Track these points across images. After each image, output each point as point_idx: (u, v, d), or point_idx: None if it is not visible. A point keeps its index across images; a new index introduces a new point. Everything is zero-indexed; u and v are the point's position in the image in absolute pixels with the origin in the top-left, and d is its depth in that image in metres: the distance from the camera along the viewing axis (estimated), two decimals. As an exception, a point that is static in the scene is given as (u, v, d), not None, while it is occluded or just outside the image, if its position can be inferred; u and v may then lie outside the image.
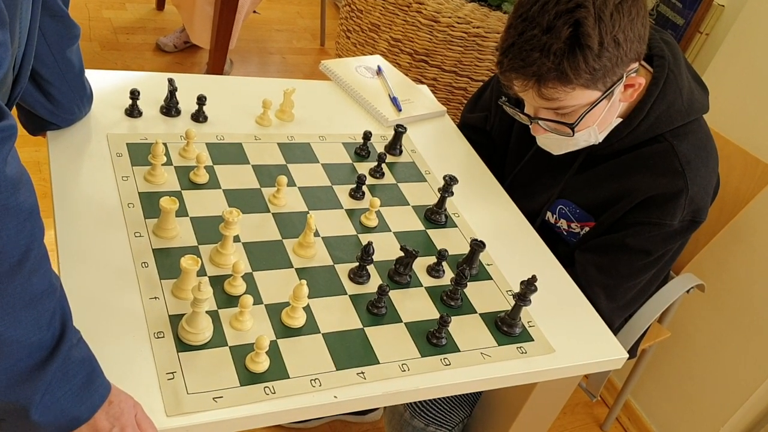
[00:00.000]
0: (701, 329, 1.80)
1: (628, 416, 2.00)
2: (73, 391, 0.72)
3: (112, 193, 1.06)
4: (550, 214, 1.35)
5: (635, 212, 1.22)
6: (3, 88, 0.83)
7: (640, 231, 1.21)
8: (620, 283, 1.26)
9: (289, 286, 0.96)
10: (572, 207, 1.31)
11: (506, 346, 1.02)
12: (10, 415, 0.70)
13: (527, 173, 1.39)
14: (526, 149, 1.38)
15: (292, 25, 3.43)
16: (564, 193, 1.32)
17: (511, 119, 1.38)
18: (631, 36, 1.06)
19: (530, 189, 1.38)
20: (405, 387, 0.92)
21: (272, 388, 0.86)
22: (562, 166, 1.32)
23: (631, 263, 1.24)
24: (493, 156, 1.48)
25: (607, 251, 1.25)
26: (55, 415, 0.71)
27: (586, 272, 1.26)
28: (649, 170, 1.20)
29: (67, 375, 0.71)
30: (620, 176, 1.24)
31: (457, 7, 1.89)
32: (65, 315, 0.72)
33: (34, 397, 0.69)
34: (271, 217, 1.11)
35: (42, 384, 0.69)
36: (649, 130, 1.20)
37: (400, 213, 1.21)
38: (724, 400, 1.75)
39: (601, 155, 1.26)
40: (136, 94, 1.20)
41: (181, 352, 0.87)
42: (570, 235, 1.33)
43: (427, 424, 1.31)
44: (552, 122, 1.15)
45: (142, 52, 2.86)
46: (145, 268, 0.96)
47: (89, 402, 0.73)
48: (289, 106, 1.33)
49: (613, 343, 1.09)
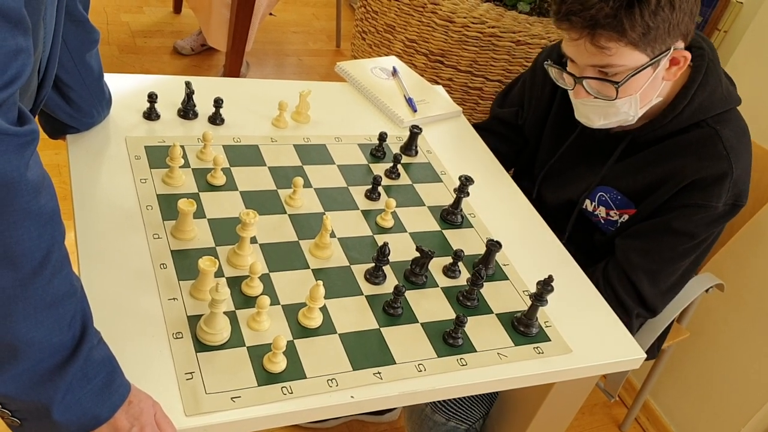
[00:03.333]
0: (721, 329, 1.78)
1: (647, 416, 1.99)
2: (94, 391, 0.73)
3: (130, 195, 1.07)
4: (589, 201, 1.36)
5: (680, 195, 1.24)
6: (27, 93, 0.84)
7: (685, 213, 1.23)
8: (663, 268, 1.27)
9: (305, 286, 0.96)
10: (613, 194, 1.32)
11: (523, 346, 1.02)
12: (32, 414, 0.71)
13: (565, 163, 1.41)
14: (562, 141, 1.40)
15: (307, 27, 3.44)
16: (605, 180, 1.33)
17: (544, 114, 1.42)
18: (685, 7, 1.11)
19: (567, 178, 1.39)
20: (421, 387, 0.93)
21: (289, 388, 0.87)
22: (603, 154, 1.34)
23: (674, 247, 1.25)
24: (523, 151, 1.51)
25: (650, 236, 1.27)
26: (76, 415, 0.72)
27: (629, 258, 1.27)
28: (693, 154, 1.23)
29: (88, 375, 0.72)
30: (663, 161, 1.26)
31: (472, 7, 1.89)
32: (86, 316, 0.73)
33: (56, 397, 0.70)
34: (287, 219, 1.12)
35: (63, 384, 0.70)
36: (692, 115, 1.22)
37: (416, 214, 1.21)
38: (745, 401, 1.73)
39: (643, 141, 1.28)
40: (153, 98, 1.22)
41: (199, 353, 0.88)
42: (607, 224, 1.35)
43: (448, 419, 1.31)
44: (597, 80, 1.17)
45: (160, 56, 2.89)
46: (164, 269, 0.97)
47: (110, 402, 0.74)
48: (304, 108, 1.34)
49: (631, 343, 1.09)
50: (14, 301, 0.66)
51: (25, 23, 0.64)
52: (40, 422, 0.72)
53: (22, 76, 0.64)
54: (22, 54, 0.64)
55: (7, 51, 0.62)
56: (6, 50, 0.62)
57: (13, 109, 0.65)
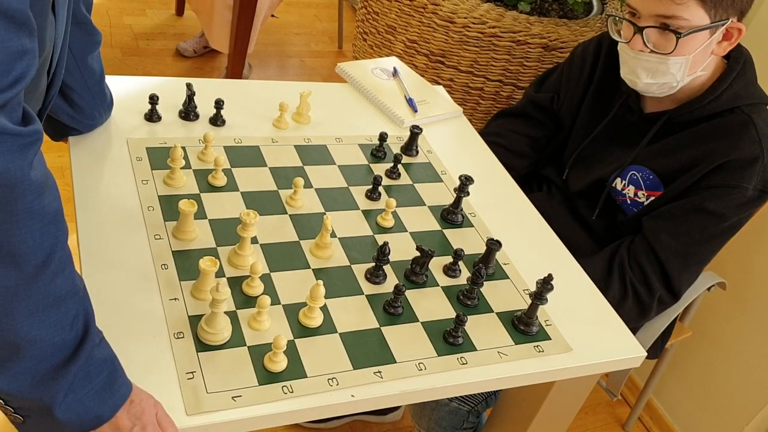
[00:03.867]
0: (723, 327, 1.78)
1: (651, 416, 1.99)
2: (96, 390, 0.73)
3: (132, 196, 1.08)
4: (620, 180, 1.39)
5: (711, 176, 1.27)
6: (36, 93, 0.85)
7: (716, 194, 1.27)
8: (694, 250, 1.31)
9: (306, 286, 0.97)
10: (646, 173, 1.36)
11: (523, 344, 1.02)
12: (34, 411, 0.72)
13: (597, 145, 1.45)
14: (596, 125, 1.46)
15: (309, 28, 3.45)
16: (638, 160, 1.37)
17: (579, 100, 1.50)
18: None
19: (599, 159, 1.44)
20: (422, 386, 0.93)
21: (290, 387, 0.87)
22: (637, 135, 1.38)
23: (705, 227, 1.29)
24: (555, 136, 1.56)
25: (682, 216, 1.30)
26: (78, 414, 0.72)
27: (659, 238, 1.31)
28: (727, 138, 1.27)
29: (90, 375, 0.73)
30: (697, 144, 1.30)
31: (472, 8, 1.89)
32: (88, 315, 0.74)
33: (58, 396, 0.70)
34: (288, 219, 1.12)
35: (65, 383, 0.71)
36: (729, 100, 1.28)
37: (416, 213, 1.21)
38: (749, 399, 1.73)
39: (678, 123, 1.33)
40: (155, 99, 1.22)
41: (200, 352, 0.88)
42: (633, 204, 1.38)
43: (450, 400, 1.33)
44: (659, 29, 1.22)
45: (163, 58, 2.90)
46: (165, 269, 0.98)
47: (111, 401, 0.75)
48: (305, 108, 1.34)
49: (632, 342, 1.09)
50: (17, 299, 0.66)
51: (30, 24, 0.65)
52: (43, 420, 0.72)
53: (26, 77, 0.65)
54: (27, 55, 0.64)
55: (12, 52, 0.63)
56: (11, 51, 0.62)
57: (17, 109, 0.65)
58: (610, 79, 1.45)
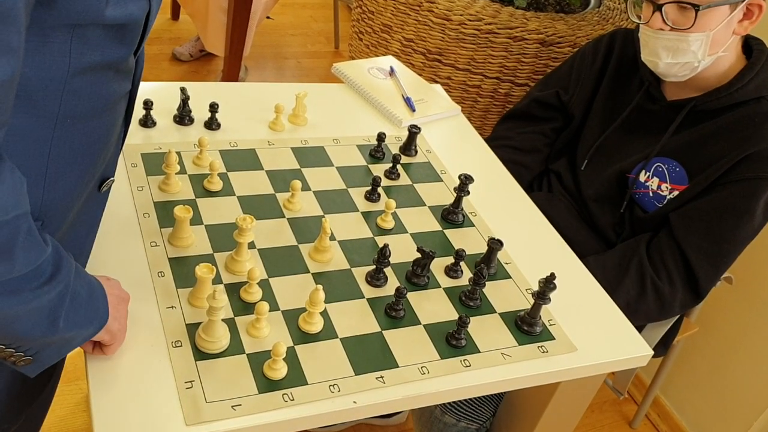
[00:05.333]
0: (731, 322, 1.76)
1: (658, 413, 1.97)
2: (86, 299, 0.74)
3: (127, 203, 1.06)
4: (644, 172, 1.37)
5: (738, 168, 1.26)
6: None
7: (745, 188, 1.25)
8: (724, 251, 1.29)
9: (305, 291, 0.95)
10: (672, 165, 1.34)
11: (527, 345, 1.00)
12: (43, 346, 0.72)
13: (618, 135, 1.44)
14: (614, 116, 1.44)
15: (305, 29, 3.43)
16: (664, 151, 1.35)
17: (592, 91, 1.48)
18: None
19: (621, 151, 1.42)
20: (425, 390, 0.91)
21: (291, 394, 0.86)
22: (661, 126, 1.37)
23: (736, 229, 1.27)
24: (564, 129, 1.55)
25: (712, 215, 1.28)
26: (81, 324, 0.73)
27: (688, 239, 1.29)
28: (754, 128, 1.26)
29: (77, 291, 0.72)
30: (724, 134, 1.29)
31: (468, 5, 1.87)
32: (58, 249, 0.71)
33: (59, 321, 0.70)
34: (286, 223, 1.10)
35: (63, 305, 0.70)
36: (756, 89, 1.28)
37: (417, 214, 1.20)
38: (757, 394, 1.71)
39: (703, 111, 1.32)
40: (149, 105, 1.21)
41: (198, 361, 0.87)
42: (655, 198, 1.36)
43: (458, 420, 1.30)
44: (678, 3, 1.21)
45: (159, 62, 2.88)
46: (162, 277, 0.96)
47: (102, 305, 0.77)
48: (301, 110, 1.33)
49: (638, 340, 1.07)
50: None
51: (19, 20, 0.61)
52: (51, 347, 0.72)
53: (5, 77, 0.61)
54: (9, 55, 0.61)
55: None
56: None
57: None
58: (626, 70, 1.45)
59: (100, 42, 0.66)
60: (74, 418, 1.62)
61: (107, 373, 0.84)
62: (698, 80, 1.31)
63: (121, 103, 0.77)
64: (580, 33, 1.91)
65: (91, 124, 0.72)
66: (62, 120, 0.67)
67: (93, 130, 0.72)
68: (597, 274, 1.17)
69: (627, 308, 1.23)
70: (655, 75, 1.36)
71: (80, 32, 0.64)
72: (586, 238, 1.44)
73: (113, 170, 0.84)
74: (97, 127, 0.73)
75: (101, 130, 0.74)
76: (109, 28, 0.66)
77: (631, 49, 1.46)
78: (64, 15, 0.61)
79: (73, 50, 0.64)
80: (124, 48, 0.70)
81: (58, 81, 0.65)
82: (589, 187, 1.46)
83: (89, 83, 0.68)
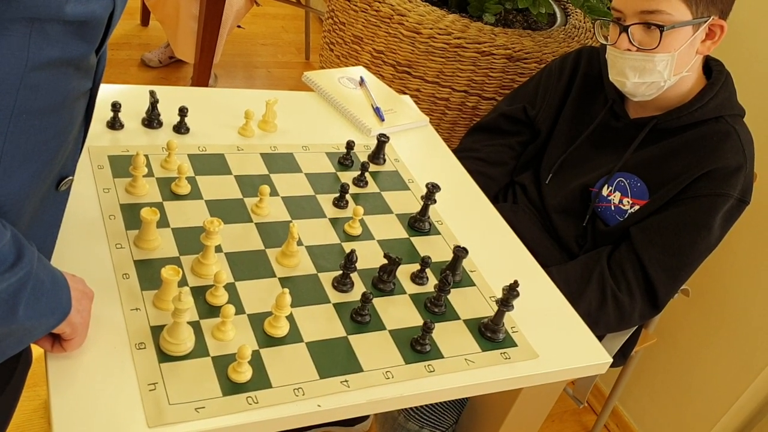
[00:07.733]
0: (687, 333, 1.81)
1: (617, 423, 2.00)
2: (49, 290, 0.73)
3: (93, 205, 1.06)
4: (607, 186, 1.41)
5: (697, 185, 1.30)
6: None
7: (704, 204, 1.29)
8: (682, 264, 1.33)
9: (271, 295, 0.95)
10: (633, 180, 1.38)
11: (490, 351, 1.02)
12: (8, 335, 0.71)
13: (583, 150, 1.47)
14: (579, 131, 1.48)
15: (276, 39, 3.44)
16: (626, 166, 1.39)
17: (558, 107, 1.53)
18: None
19: (585, 165, 1.46)
20: (389, 394, 0.92)
21: (255, 397, 0.86)
22: (624, 142, 1.41)
23: (695, 243, 1.31)
24: (530, 143, 1.58)
25: (671, 231, 1.32)
26: (41, 312, 0.73)
27: (648, 252, 1.33)
28: (712, 146, 1.31)
29: (40, 279, 0.72)
30: (684, 152, 1.33)
31: (437, 19, 1.90)
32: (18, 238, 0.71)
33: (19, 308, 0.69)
34: (253, 227, 1.11)
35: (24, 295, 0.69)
36: (715, 109, 1.32)
37: (384, 221, 1.21)
38: (713, 404, 1.75)
39: (666, 129, 1.36)
40: (117, 107, 1.20)
41: (162, 363, 0.86)
42: (616, 211, 1.39)
43: (421, 427, 1.31)
44: (643, 25, 1.26)
45: (127, 68, 2.86)
46: (126, 279, 0.96)
47: (66, 293, 0.76)
48: (271, 116, 1.33)
49: (597, 348, 1.10)
50: None
51: None
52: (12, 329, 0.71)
53: None
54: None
55: None
56: None
57: None
58: (591, 87, 1.49)
59: (60, 38, 0.65)
60: (31, 424, 1.59)
61: (68, 374, 0.83)
62: (660, 99, 1.35)
63: (81, 101, 0.76)
64: (547, 49, 1.95)
65: (48, 120, 0.70)
66: (18, 114, 0.66)
67: (49, 126, 0.71)
68: (559, 284, 1.19)
69: (588, 318, 1.26)
70: (619, 93, 1.40)
71: (39, 26, 0.63)
72: (549, 249, 1.47)
73: (72, 169, 0.83)
74: (53, 124, 0.72)
75: (58, 127, 0.73)
76: (70, 25, 0.65)
77: (596, 66, 1.50)
78: (23, 8, 0.60)
79: (32, 44, 0.63)
80: (85, 45, 0.69)
81: (15, 75, 0.64)
82: (553, 199, 1.49)
83: (47, 79, 0.67)
